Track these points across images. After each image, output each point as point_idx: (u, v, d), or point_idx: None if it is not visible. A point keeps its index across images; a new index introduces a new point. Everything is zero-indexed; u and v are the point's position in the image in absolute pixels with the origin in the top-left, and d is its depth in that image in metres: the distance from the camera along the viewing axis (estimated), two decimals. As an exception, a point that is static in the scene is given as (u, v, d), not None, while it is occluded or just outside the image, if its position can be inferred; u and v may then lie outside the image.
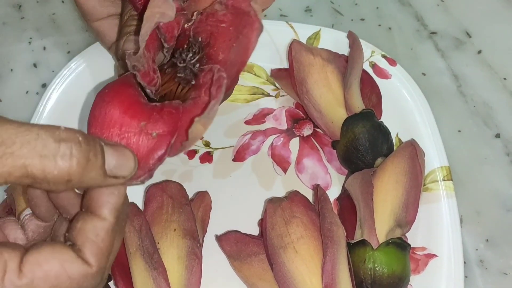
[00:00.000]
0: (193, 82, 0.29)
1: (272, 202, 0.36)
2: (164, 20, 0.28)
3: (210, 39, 0.30)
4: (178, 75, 0.30)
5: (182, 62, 0.30)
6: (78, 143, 0.23)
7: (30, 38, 0.49)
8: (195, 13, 0.30)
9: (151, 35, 0.28)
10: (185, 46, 0.30)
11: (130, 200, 0.39)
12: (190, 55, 0.30)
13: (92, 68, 0.44)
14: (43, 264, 0.23)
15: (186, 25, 0.30)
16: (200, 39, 0.30)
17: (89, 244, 0.25)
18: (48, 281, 0.23)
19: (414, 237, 0.38)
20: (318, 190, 0.37)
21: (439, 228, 0.39)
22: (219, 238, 0.37)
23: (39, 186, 0.23)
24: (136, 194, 0.40)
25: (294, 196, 0.37)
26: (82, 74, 0.44)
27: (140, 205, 0.39)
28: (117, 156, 0.25)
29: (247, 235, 0.37)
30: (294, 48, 0.42)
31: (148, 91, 0.28)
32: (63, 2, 0.50)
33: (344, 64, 0.43)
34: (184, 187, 0.38)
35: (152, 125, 0.26)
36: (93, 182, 0.24)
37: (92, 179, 0.24)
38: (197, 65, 0.30)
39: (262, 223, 0.38)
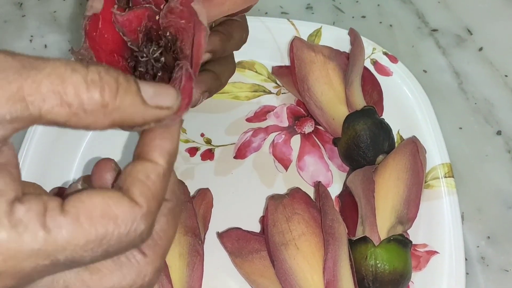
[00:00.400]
0: (159, 74, 0.29)
1: (274, 199, 0.36)
2: (89, 13, 0.27)
3: (178, 33, 0.29)
4: (139, 69, 0.29)
5: (144, 56, 0.29)
6: (104, 66, 0.22)
7: (31, 36, 0.49)
8: (162, 6, 0.29)
9: (111, 31, 0.28)
10: (154, 40, 0.30)
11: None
12: (153, 48, 0.29)
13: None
14: (87, 202, 0.21)
15: (157, 17, 0.30)
16: (168, 34, 0.29)
17: (138, 183, 0.22)
18: (95, 220, 0.21)
19: (416, 234, 0.38)
20: (320, 187, 0.37)
21: (440, 225, 0.39)
22: (221, 235, 0.37)
23: (77, 119, 0.21)
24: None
25: (295, 193, 0.37)
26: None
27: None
28: (153, 85, 0.23)
29: (248, 232, 0.37)
30: (295, 45, 0.42)
31: None
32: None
33: (346, 61, 0.43)
34: (185, 184, 0.38)
35: None
36: (134, 111, 0.22)
37: (131, 106, 0.22)
38: (162, 59, 0.29)
39: (263, 220, 0.38)
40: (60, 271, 0.22)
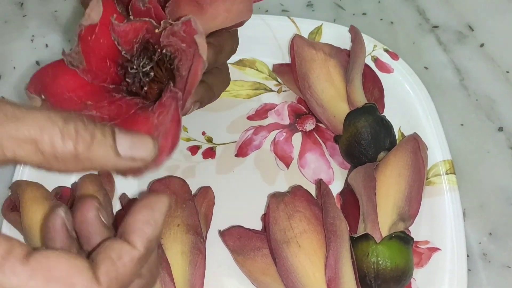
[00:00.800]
0: (146, 88, 0.29)
1: (275, 197, 0.36)
2: (86, 22, 0.28)
3: (177, 53, 0.29)
4: (126, 79, 0.29)
5: (133, 68, 0.29)
6: (83, 121, 0.23)
7: (32, 35, 0.49)
8: (162, 22, 0.29)
9: (107, 37, 0.28)
10: (149, 53, 0.30)
11: (132, 196, 0.40)
12: (145, 62, 0.29)
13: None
14: (52, 261, 0.21)
15: (156, 30, 0.29)
16: (166, 50, 0.29)
17: (108, 261, 0.23)
18: (51, 280, 0.21)
19: (417, 231, 0.38)
20: (321, 185, 0.37)
21: (442, 221, 0.39)
22: (222, 233, 0.37)
23: (48, 165, 0.23)
24: (139, 189, 0.40)
25: (296, 190, 0.37)
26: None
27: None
28: (131, 137, 0.24)
29: (250, 230, 0.37)
30: (296, 43, 0.42)
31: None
32: (64, -1, 0.51)
33: (346, 58, 0.43)
34: (187, 182, 0.38)
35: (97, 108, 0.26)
36: (105, 161, 0.23)
37: (103, 158, 0.23)
38: (151, 73, 0.29)
39: (265, 218, 0.38)
40: None
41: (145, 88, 0.29)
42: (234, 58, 0.46)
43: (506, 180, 0.42)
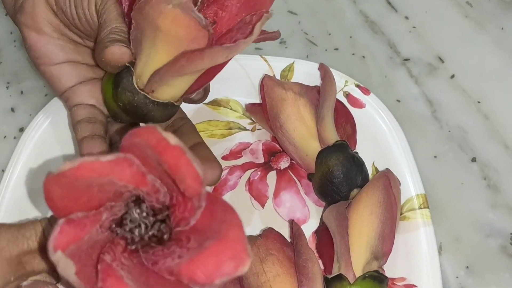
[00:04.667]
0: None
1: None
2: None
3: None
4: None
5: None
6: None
7: (8, 82, 0.49)
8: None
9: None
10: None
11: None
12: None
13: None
14: None
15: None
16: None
17: None
18: None
19: (394, 267, 0.38)
20: (293, 226, 0.37)
21: (417, 257, 0.39)
22: (196, 279, 0.37)
23: None
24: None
25: (268, 233, 0.37)
26: (60, 117, 0.45)
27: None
28: None
29: (223, 275, 0.37)
30: (265, 83, 0.43)
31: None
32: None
33: (317, 96, 0.44)
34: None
35: None
36: None
37: None
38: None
39: (238, 261, 0.37)
40: None
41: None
42: (208, 98, 0.47)
43: (481, 211, 0.42)
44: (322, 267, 0.38)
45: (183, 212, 0.24)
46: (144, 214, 0.25)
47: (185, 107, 0.45)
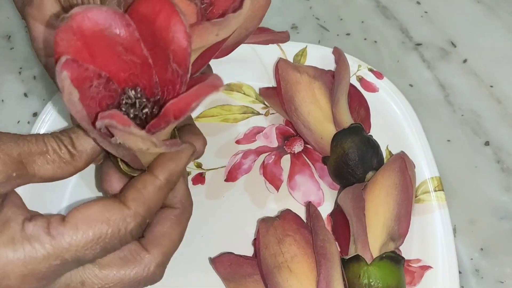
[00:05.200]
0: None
1: (265, 222, 0.36)
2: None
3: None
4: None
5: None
6: (76, 135, 0.29)
7: (20, 68, 0.49)
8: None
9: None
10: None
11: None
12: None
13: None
14: (83, 212, 0.26)
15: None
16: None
17: (133, 190, 0.27)
18: (90, 224, 0.25)
19: (409, 249, 0.38)
20: (310, 207, 0.37)
21: (433, 239, 0.39)
22: (213, 261, 0.37)
23: (61, 172, 0.28)
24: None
25: (286, 214, 0.37)
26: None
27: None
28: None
29: (240, 256, 0.37)
30: (280, 67, 0.42)
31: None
32: (51, 30, 0.51)
33: (331, 79, 0.44)
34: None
35: None
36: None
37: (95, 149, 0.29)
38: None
39: (255, 243, 0.38)
40: (71, 268, 0.27)
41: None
42: (221, 83, 0.47)
43: (495, 194, 0.42)
44: (338, 249, 0.38)
45: (172, 94, 0.27)
46: (139, 95, 0.27)
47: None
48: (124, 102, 0.27)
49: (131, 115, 0.27)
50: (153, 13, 0.25)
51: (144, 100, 0.27)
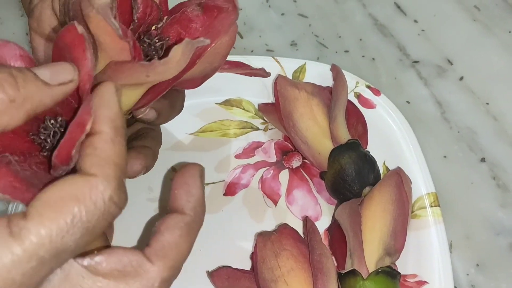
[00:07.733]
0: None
1: (262, 236, 0.37)
2: None
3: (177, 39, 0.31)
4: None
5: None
6: None
7: None
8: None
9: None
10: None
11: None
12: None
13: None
14: (43, 198, 0.22)
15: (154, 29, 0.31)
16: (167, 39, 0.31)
17: (86, 158, 0.23)
18: (56, 208, 0.22)
19: (405, 265, 0.39)
20: (307, 222, 0.38)
21: (429, 254, 0.39)
22: (211, 274, 0.38)
23: None
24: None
25: (283, 229, 0.37)
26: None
27: (134, 243, 0.39)
28: (46, 66, 0.24)
29: (238, 270, 0.37)
30: (279, 83, 0.43)
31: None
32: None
33: (329, 96, 0.44)
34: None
35: None
36: (41, 95, 0.23)
37: (37, 92, 0.23)
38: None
39: (253, 257, 0.38)
40: (55, 266, 0.22)
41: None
42: (221, 98, 0.48)
43: (491, 210, 0.43)
44: (335, 263, 0.39)
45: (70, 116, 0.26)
46: (58, 125, 0.26)
47: (198, 106, 0.46)
48: (42, 131, 0.26)
49: (48, 145, 0.26)
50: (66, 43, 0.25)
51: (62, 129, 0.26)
